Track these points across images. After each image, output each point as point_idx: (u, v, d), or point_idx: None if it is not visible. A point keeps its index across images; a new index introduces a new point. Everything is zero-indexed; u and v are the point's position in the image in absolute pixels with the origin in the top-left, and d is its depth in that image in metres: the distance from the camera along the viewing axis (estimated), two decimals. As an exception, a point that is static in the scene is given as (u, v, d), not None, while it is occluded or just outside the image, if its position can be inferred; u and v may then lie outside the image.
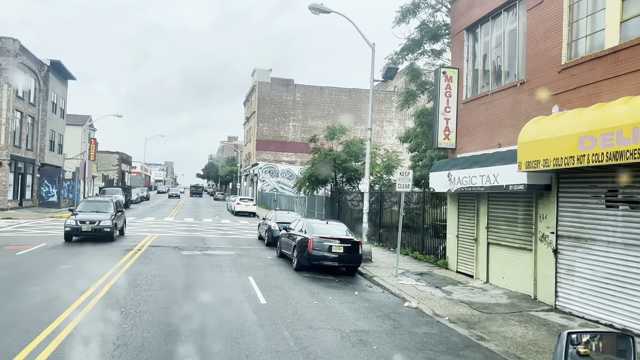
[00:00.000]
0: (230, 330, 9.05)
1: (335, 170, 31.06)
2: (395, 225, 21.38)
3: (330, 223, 17.89)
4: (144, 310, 10.07)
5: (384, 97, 73.99)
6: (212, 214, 46.45)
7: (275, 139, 71.19)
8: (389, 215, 24.77)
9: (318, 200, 36.26)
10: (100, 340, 8.22)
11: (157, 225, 30.68)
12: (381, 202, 25.64)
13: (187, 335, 8.68)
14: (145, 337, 8.36)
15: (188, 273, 15.00)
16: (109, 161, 76.14)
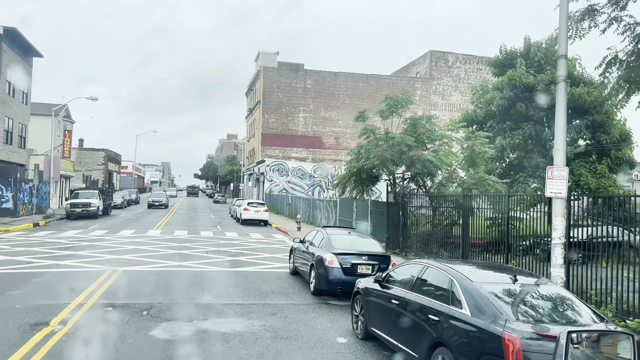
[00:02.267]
0: None
1: (398, 161, 20.73)
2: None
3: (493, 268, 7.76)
4: None
5: (406, 84, 63.72)
6: (212, 222, 36.01)
7: (284, 132, 60.86)
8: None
9: (359, 206, 25.89)
10: None
11: (132, 247, 20.26)
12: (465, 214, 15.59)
13: None
14: None
15: None
16: (93, 160, 65.79)
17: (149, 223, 32.45)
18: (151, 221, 34.22)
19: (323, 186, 55.18)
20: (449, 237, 17.51)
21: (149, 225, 30.92)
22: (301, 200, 37.96)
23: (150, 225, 30.40)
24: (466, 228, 16.33)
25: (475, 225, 16.00)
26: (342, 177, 20.93)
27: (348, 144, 62.55)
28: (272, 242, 24.22)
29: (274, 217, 38.26)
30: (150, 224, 31.90)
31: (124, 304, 10.44)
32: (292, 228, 31.13)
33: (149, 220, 34.80)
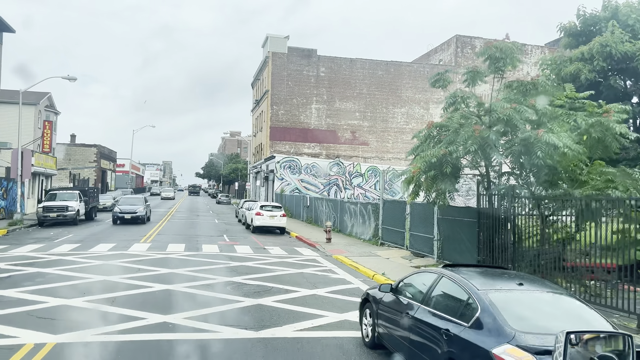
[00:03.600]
0: None
1: (502, 145, 13.62)
2: None
3: None
4: None
5: (429, 73, 56.67)
6: (217, 229, 29.03)
7: (294, 125, 53.90)
8: None
9: (416, 212, 18.75)
10: None
11: (100, 278, 13.24)
12: None
13: None
14: None
15: None
16: (84, 156, 58.87)
17: (137, 232, 25.47)
18: (141, 229, 27.25)
19: (340, 185, 48.23)
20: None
21: (136, 235, 23.93)
22: (324, 203, 30.94)
23: (137, 236, 23.40)
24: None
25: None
26: (414, 172, 13.76)
27: (365, 139, 55.62)
28: (301, 262, 17.26)
29: (290, 223, 31.30)
30: (139, 233, 24.90)
31: None
32: (318, 238, 24.18)
33: (139, 228, 27.84)
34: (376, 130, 55.18)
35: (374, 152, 55.12)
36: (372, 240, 22.85)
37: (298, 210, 36.85)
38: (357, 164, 48.99)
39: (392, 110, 55.62)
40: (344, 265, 16.87)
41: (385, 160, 54.53)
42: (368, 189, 48.74)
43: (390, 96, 55.54)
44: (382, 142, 55.34)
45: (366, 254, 19.30)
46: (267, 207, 27.62)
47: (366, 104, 55.01)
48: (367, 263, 16.83)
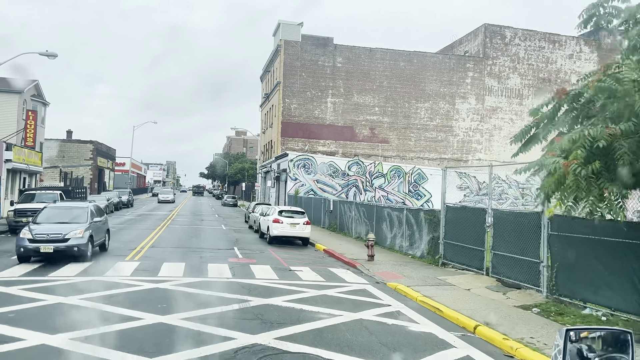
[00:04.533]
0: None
1: None
2: None
3: None
4: None
5: (455, 65, 51.39)
6: (225, 239, 23.59)
7: (308, 120, 48.58)
8: None
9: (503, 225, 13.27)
10: None
11: (35, 334, 7.93)
12: None
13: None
14: None
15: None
16: (79, 153, 53.64)
17: (126, 243, 20.11)
18: (133, 238, 21.90)
19: (360, 187, 42.84)
20: None
21: (124, 248, 18.54)
22: (353, 207, 25.44)
23: (125, 250, 18.00)
24: None
25: None
26: (568, 164, 8.18)
27: (386, 136, 50.21)
28: (349, 296, 11.82)
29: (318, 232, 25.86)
30: (128, 245, 19.53)
31: None
32: (354, 254, 18.81)
33: (130, 237, 22.50)
34: (397, 126, 49.82)
35: (395, 150, 49.77)
36: (426, 258, 17.47)
37: (318, 216, 31.45)
38: (378, 163, 43.62)
39: (414, 105, 50.24)
40: (414, 303, 11.45)
41: (407, 159, 49.17)
42: (391, 191, 43.35)
43: (413, 90, 50.18)
44: (403, 139, 49.98)
45: (432, 281, 13.90)
46: (287, 213, 22.19)
47: (387, 98, 49.66)
48: (445, 299, 11.44)
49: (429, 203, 43.69)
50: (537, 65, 52.68)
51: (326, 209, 29.52)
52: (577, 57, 53.49)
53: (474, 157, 51.45)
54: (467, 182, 44.96)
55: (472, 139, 51.35)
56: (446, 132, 50.78)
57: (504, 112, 52.10)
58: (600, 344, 3.23)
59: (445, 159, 50.67)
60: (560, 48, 53.29)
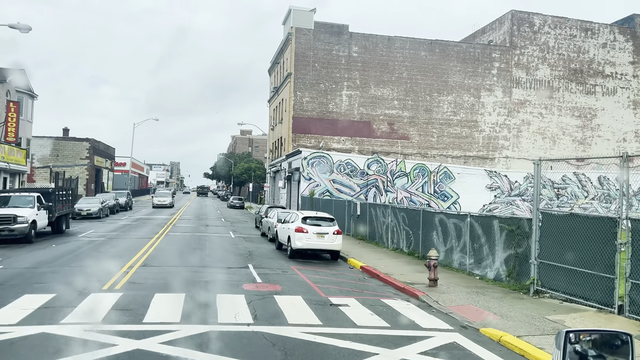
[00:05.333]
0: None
1: None
2: None
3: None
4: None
5: (480, 54, 46.89)
6: (236, 253, 19.05)
7: (321, 115, 44.18)
8: None
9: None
10: None
11: None
12: None
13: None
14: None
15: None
16: (75, 152, 49.35)
17: (111, 259, 15.66)
18: (122, 252, 17.47)
19: (380, 187, 38.38)
20: None
21: (106, 268, 14.02)
22: (389, 212, 20.82)
23: (106, 272, 13.48)
24: None
25: None
26: None
27: (406, 132, 45.70)
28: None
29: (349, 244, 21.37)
30: (113, 263, 15.06)
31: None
32: (404, 274, 14.36)
33: (119, 249, 18.08)
34: (418, 121, 45.35)
35: (416, 147, 45.31)
36: (506, 282, 12.98)
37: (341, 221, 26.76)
38: (400, 161, 39.13)
39: (437, 99, 45.76)
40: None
41: (429, 157, 44.71)
42: (414, 192, 38.86)
43: (435, 81, 45.69)
44: (425, 135, 45.52)
45: (542, 323, 9.40)
46: (314, 220, 17.65)
47: (406, 91, 45.20)
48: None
49: (456, 205, 39.26)
50: (568, 55, 48.15)
51: (352, 214, 25.01)
52: (611, 46, 48.92)
53: (500, 155, 46.95)
54: (497, 181, 40.47)
55: (499, 135, 46.84)
56: (471, 127, 46.30)
57: (532, 105, 47.58)
58: (600, 346, 3.15)
59: (470, 156, 46.23)
60: (593, 36, 48.75)
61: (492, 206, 40.08)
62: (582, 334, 3.20)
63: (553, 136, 47.87)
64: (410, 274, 14.56)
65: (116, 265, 14.37)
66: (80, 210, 32.20)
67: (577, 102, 48.21)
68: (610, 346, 3.19)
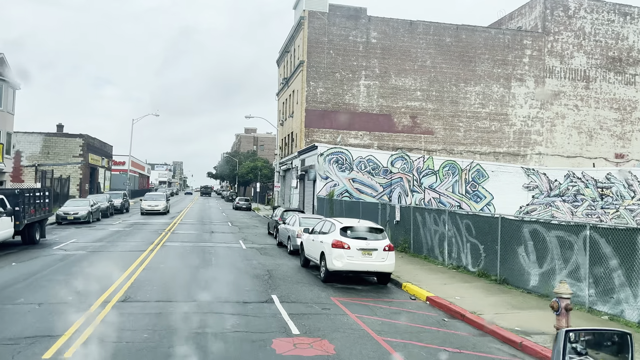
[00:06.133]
0: None
1: None
2: None
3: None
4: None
5: (511, 41, 42.21)
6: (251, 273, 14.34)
7: (337, 108, 39.58)
8: None
9: None
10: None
11: None
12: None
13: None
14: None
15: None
16: (68, 150, 44.87)
17: (79, 290, 11.09)
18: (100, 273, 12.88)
19: (406, 187, 33.73)
20: None
21: (59, 314, 9.38)
22: (445, 219, 16.00)
23: (63, 316, 8.90)
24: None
25: None
26: None
27: (429, 126, 41.00)
28: None
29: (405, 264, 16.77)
30: (77, 299, 10.44)
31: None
32: (499, 311, 9.78)
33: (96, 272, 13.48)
34: (443, 114, 40.73)
35: (441, 143, 40.68)
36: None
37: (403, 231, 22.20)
38: (428, 158, 34.46)
39: (463, 89, 41.12)
40: None
41: (456, 153, 40.09)
42: (444, 192, 34.20)
43: (462, 70, 41.05)
44: (450, 130, 40.88)
45: None
46: (356, 231, 12.98)
47: (430, 81, 40.58)
48: None
49: (489, 206, 34.63)
50: (606, 42, 43.46)
51: (388, 219, 20.30)
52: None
53: (533, 151, 42.28)
54: (535, 180, 35.79)
55: (531, 129, 42.18)
56: (501, 121, 41.66)
57: (567, 97, 42.90)
58: (599, 345, 3.09)
59: (499, 153, 41.59)
60: (633, 22, 44.05)
61: (529, 208, 35.43)
62: (582, 333, 3.13)
63: (590, 131, 43.18)
64: (509, 312, 9.94)
65: (82, 303, 9.75)
66: (66, 214, 27.66)
67: (615, 93, 43.51)
68: (609, 345, 3.10)
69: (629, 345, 3.10)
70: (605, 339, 3.19)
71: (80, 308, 9.27)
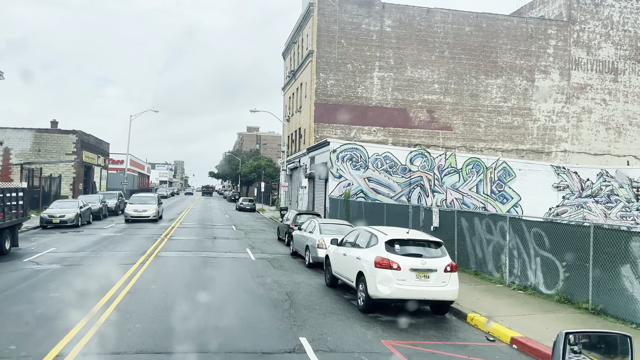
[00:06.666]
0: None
1: None
2: None
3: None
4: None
5: (534, 31, 39.01)
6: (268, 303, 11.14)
7: (349, 101, 36.40)
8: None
9: None
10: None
11: None
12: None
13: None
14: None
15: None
16: (60, 147, 41.73)
17: (31, 330, 7.98)
18: (70, 301, 9.79)
19: (426, 186, 30.56)
20: None
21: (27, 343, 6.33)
22: (504, 225, 12.70)
23: None
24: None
25: None
26: None
27: (448, 121, 37.78)
28: None
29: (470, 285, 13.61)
30: (23, 347, 7.35)
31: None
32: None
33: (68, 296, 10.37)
34: (463, 109, 37.55)
35: (460, 139, 37.50)
36: None
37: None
38: (450, 155, 31.27)
39: (484, 82, 37.93)
40: None
41: (476, 150, 36.93)
42: (467, 193, 31.02)
43: (482, 62, 37.86)
44: (470, 125, 37.69)
45: None
46: (408, 245, 9.74)
47: (449, 72, 37.40)
48: None
49: (517, 208, 31.48)
50: (635, 32, 40.27)
51: (421, 225, 17.05)
52: (685, 21, 41.00)
53: (558, 148, 39.09)
54: (566, 179, 32.61)
55: (556, 125, 38.98)
56: (524, 116, 38.47)
57: (594, 90, 39.71)
58: (598, 347, 3.02)
59: (522, 150, 38.40)
60: (664, 10, 40.81)
61: (559, 209, 32.26)
62: (582, 335, 3.06)
63: (618, 127, 39.98)
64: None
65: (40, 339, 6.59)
66: (51, 217, 24.53)
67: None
68: (609, 347, 3.03)
69: (630, 348, 2.97)
70: (606, 341, 3.07)
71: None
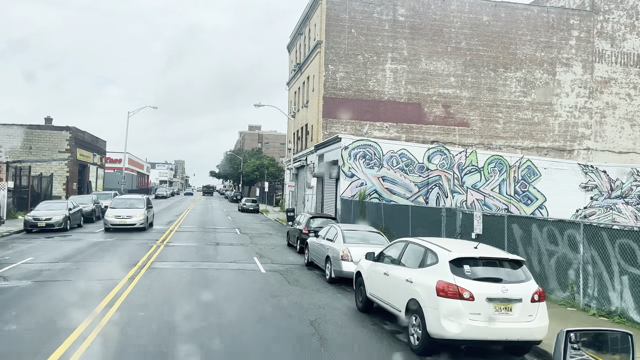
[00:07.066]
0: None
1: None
2: None
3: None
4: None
5: (555, 21, 36.53)
6: (294, 345, 8.81)
7: (359, 95, 33.93)
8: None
9: None
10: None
11: None
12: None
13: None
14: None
15: None
16: (52, 144, 39.27)
17: None
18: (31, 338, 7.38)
19: (445, 186, 28.11)
20: None
21: None
22: (577, 235, 10.32)
23: None
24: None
25: None
26: None
27: (464, 116, 35.29)
28: None
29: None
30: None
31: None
32: None
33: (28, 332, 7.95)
34: (480, 104, 35.08)
35: (477, 136, 35.04)
36: None
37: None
38: (471, 152, 28.81)
39: (502, 75, 35.46)
40: None
41: (494, 148, 34.47)
42: (489, 194, 28.55)
43: (501, 54, 35.39)
44: (488, 121, 35.22)
45: None
46: (479, 264, 7.30)
47: (465, 65, 34.93)
48: None
49: (541, 210, 29.04)
50: (662, 23, 37.77)
51: (458, 232, 14.57)
52: None
53: (581, 146, 36.62)
54: (594, 178, 30.13)
55: (579, 121, 36.51)
56: (544, 111, 36.01)
57: (619, 85, 37.25)
58: (600, 345, 2.97)
59: (543, 147, 35.94)
60: (691, 0, 38.32)
61: (587, 211, 29.78)
62: (583, 333, 3.03)
63: (644, 123, 37.53)
64: None
65: None
66: (36, 220, 22.09)
67: (672, 80, 37.85)
68: (610, 345, 2.99)
69: (631, 346, 2.95)
70: (607, 339, 3.02)
71: None
